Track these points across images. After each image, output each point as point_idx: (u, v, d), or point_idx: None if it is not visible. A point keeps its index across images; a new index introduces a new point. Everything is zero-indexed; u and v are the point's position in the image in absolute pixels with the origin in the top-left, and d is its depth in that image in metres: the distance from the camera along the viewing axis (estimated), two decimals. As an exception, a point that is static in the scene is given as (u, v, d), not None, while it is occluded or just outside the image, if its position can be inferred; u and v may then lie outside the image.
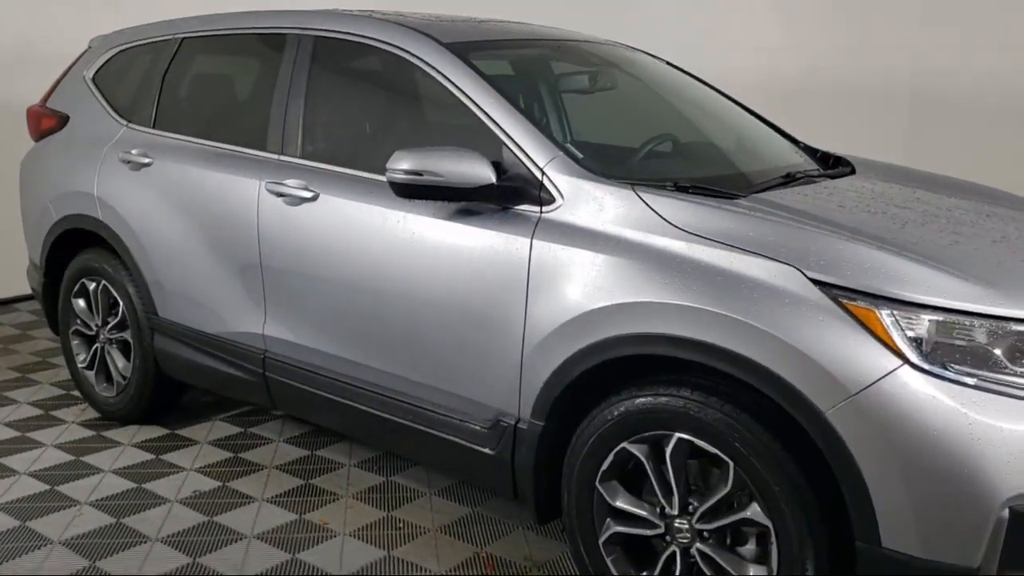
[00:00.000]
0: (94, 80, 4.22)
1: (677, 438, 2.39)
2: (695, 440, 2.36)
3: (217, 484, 3.54)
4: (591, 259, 2.49)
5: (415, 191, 2.70)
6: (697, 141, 3.41)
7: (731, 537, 2.42)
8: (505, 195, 2.69)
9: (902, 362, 2.08)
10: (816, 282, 2.20)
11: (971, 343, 2.10)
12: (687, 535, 2.44)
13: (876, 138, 5.72)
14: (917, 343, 2.10)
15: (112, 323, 4.02)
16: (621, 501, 2.54)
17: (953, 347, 2.09)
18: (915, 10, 5.92)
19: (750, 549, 2.39)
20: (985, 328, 2.10)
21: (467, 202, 2.73)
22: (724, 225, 2.40)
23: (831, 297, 2.17)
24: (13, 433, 4.01)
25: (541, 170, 2.67)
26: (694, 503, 2.43)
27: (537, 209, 2.66)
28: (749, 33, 6.11)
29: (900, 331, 2.11)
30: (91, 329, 4.14)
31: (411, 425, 2.98)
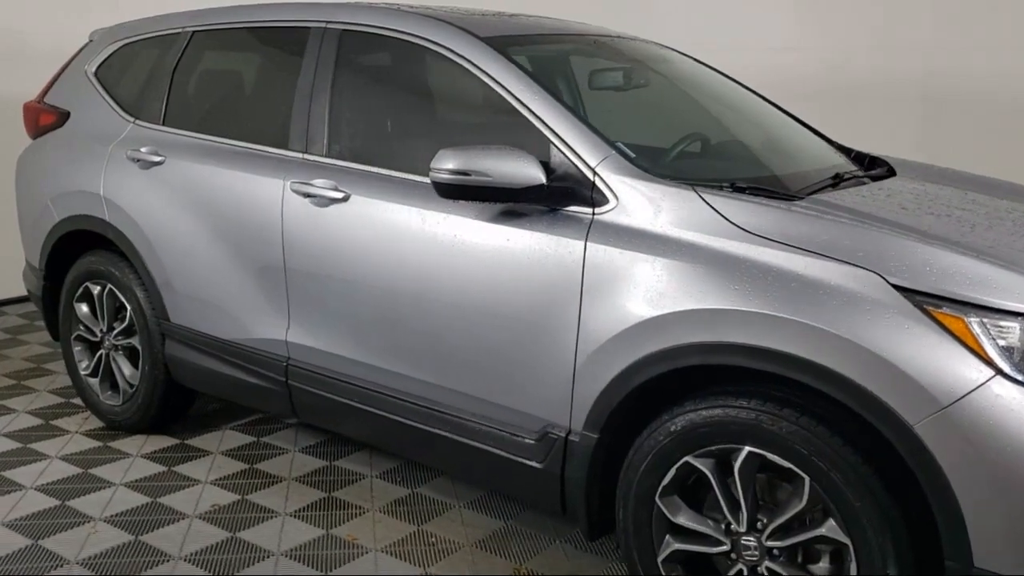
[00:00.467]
0: (96, 75, 4.04)
1: (747, 452, 2.27)
2: (767, 454, 2.24)
3: (236, 497, 3.38)
4: (652, 263, 2.37)
5: (460, 191, 2.57)
6: (737, 141, 3.30)
7: (802, 554, 2.31)
8: (554, 196, 2.57)
9: (994, 372, 1.98)
10: (899, 288, 2.10)
11: (1066, 352, 2.00)
12: (755, 553, 2.32)
13: (888, 138, 5.66)
14: (1008, 352, 2.00)
15: (118, 329, 3.85)
16: (683, 517, 2.42)
17: (1048, 357, 2.00)
18: (927, 10, 5.86)
19: (823, 567, 2.29)
20: None
21: (513, 203, 2.60)
22: (794, 228, 2.29)
23: (916, 304, 2.07)
24: (14, 444, 3.82)
25: (593, 170, 2.55)
26: (763, 519, 2.32)
27: (589, 211, 2.54)
28: (760, 33, 6.03)
29: (991, 340, 2.01)
30: (95, 335, 3.96)
31: (449, 436, 2.85)
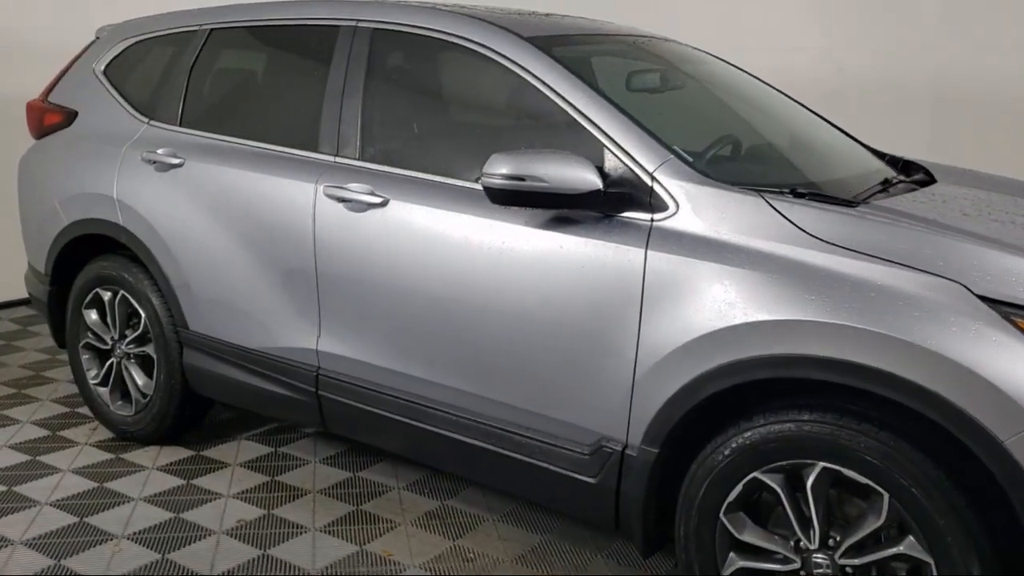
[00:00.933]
0: (105, 73, 3.90)
1: (822, 467, 2.20)
2: (843, 470, 2.17)
3: (261, 512, 3.26)
4: (719, 272, 2.29)
5: (513, 197, 2.48)
6: (771, 144, 3.23)
7: (876, 572, 2.24)
8: (611, 202, 2.48)
9: (1088, 386, 1.92)
10: (983, 299, 2.03)
11: None
12: (828, 571, 2.25)
13: (898, 139, 5.63)
14: (1100, 365, 1.94)
15: (131, 337, 3.71)
16: (749, 535, 2.35)
17: None
18: (937, 11, 5.84)
19: (898, 585, 2.22)
20: None
21: (567, 210, 2.51)
22: (869, 235, 2.22)
23: (1003, 315, 2.00)
24: (22, 457, 3.67)
25: (650, 175, 2.47)
26: (835, 537, 2.24)
27: (647, 217, 2.46)
28: (771, 33, 5.97)
29: (1082, 352, 1.95)
30: (105, 343, 3.82)
31: (493, 449, 2.75)
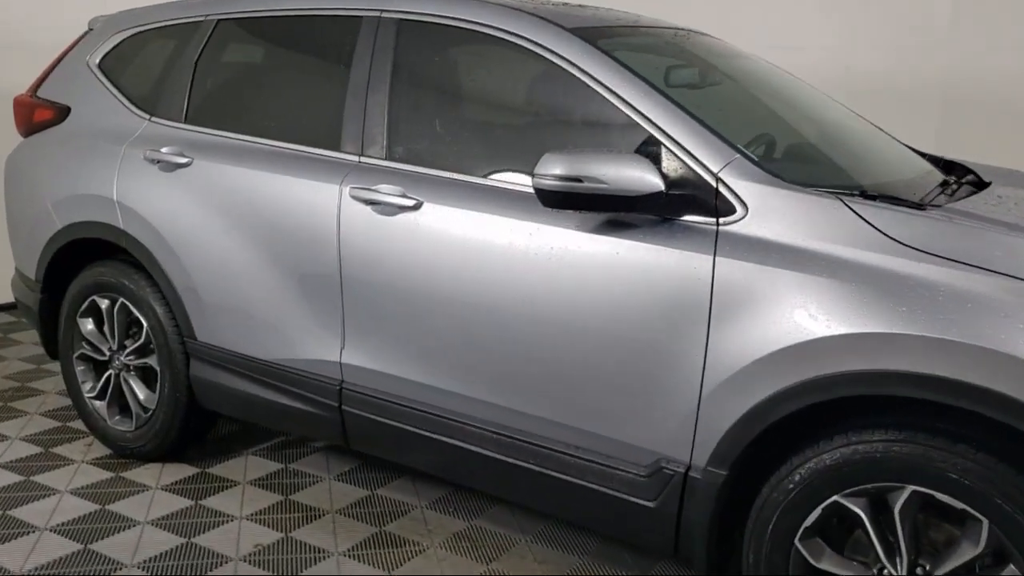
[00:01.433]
0: (101, 67, 3.66)
1: (911, 491, 2.04)
2: (936, 494, 2.02)
3: (278, 535, 3.06)
4: (797, 281, 2.13)
5: (568, 200, 2.30)
6: (822, 144, 3.07)
7: (968, 603, 2.09)
8: (672, 205, 2.31)
9: None
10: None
11: None
12: (915, 601, 2.10)
13: (906, 139, 5.54)
14: None
15: (131, 347, 3.49)
16: (827, 562, 2.19)
17: None
18: (946, 10, 5.75)
19: (993, 617, 2.07)
20: None
21: (622, 212, 2.33)
22: (958, 241, 2.07)
23: None
24: (15, 477, 3.43)
25: (715, 176, 2.30)
26: (924, 565, 2.09)
27: (712, 221, 2.29)
28: (777, 31, 5.85)
29: None
30: (102, 354, 3.59)
31: (536, 469, 2.57)
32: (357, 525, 3.14)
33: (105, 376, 3.59)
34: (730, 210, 2.27)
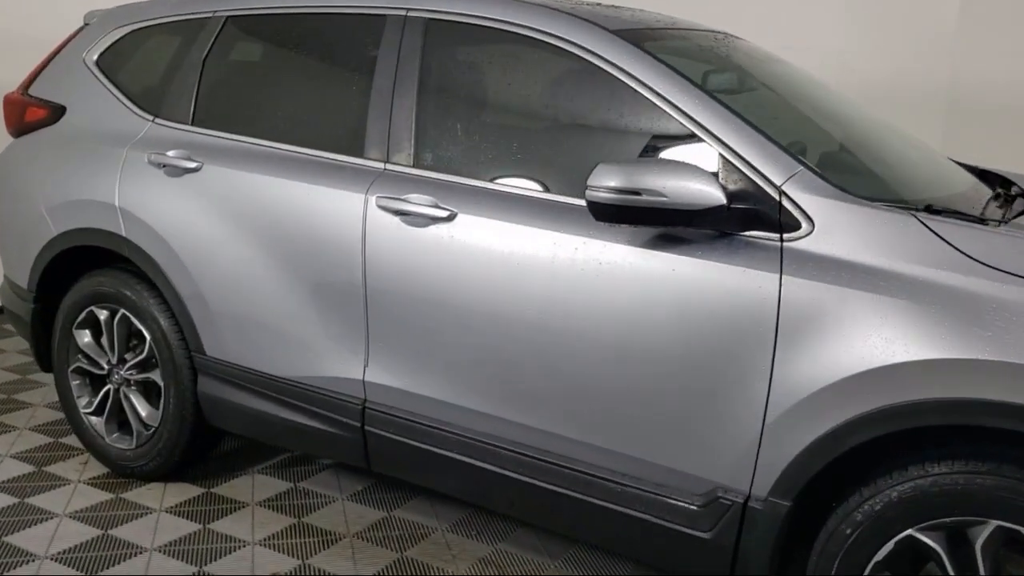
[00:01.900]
0: (99, 64, 3.47)
1: (995, 526, 1.93)
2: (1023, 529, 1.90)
3: (295, 562, 2.89)
4: (871, 303, 2.00)
5: (624, 214, 2.16)
6: (872, 155, 2.94)
7: (1052, 644, 1.98)
8: (733, 219, 2.18)
9: None
10: None
11: None
12: (996, 642, 1.98)
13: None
14: None
15: (132, 361, 3.30)
16: (898, 598, 2.07)
17: None
18: (952, 15, 5.68)
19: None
20: None
21: (679, 227, 2.20)
22: (1040, 261, 1.96)
23: None
24: (9, 499, 3.24)
25: (778, 189, 2.17)
26: (1006, 604, 1.98)
27: (776, 236, 2.16)
28: (784, 32, 5.74)
29: None
30: (100, 367, 3.40)
31: (582, 498, 2.44)
32: (378, 550, 2.98)
33: (103, 391, 3.41)
34: (794, 225, 2.15)
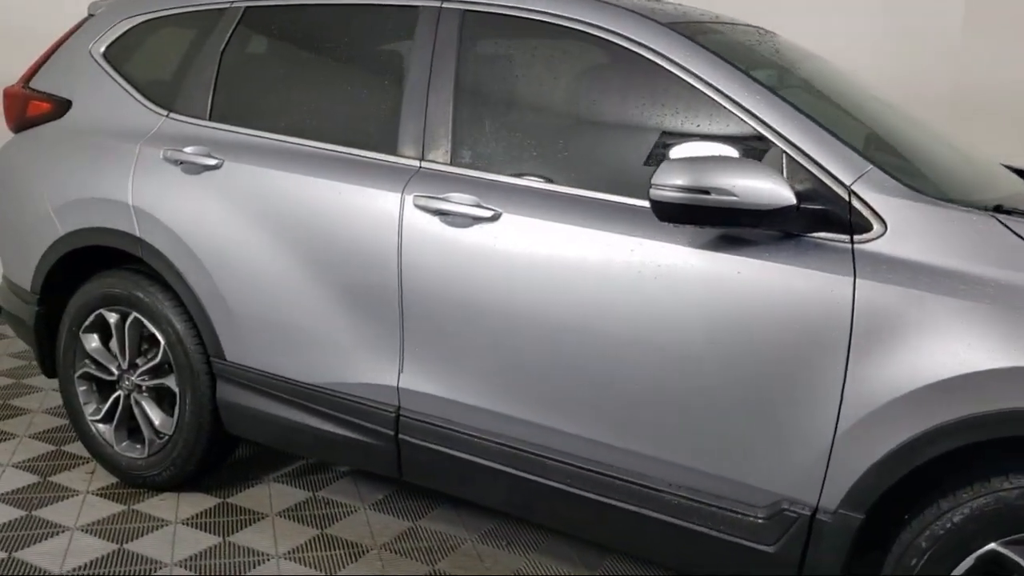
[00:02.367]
0: (106, 57, 3.33)
1: (1086, 541, 1.86)
2: (1115, 544, 1.83)
3: (323, 577, 2.78)
4: (951, 307, 1.92)
5: (690, 213, 2.06)
6: (919, 154, 2.86)
7: None
8: (801, 220, 2.09)
9: None
10: None
11: None
12: (1085, 661, 1.91)
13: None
14: None
15: (144, 366, 3.16)
16: (979, 617, 1.99)
17: None
18: (957, 19, 5.65)
19: None
20: None
21: (746, 228, 2.11)
22: None
23: None
24: (16, 512, 3.08)
25: (848, 188, 2.09)
26: (1097, 623, 1.91)
27: (845, 238, 2.08)
28: (788, 34, 5.68)
29: None
30: (110, 373, 3.25)
31: (634, 510, 2.34)
32: (407, 563, 2.87)
33: (113, 397, 3.26)
34: (865, 226, 2.06)
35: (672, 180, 2.04)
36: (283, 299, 2.79)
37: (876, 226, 2.05)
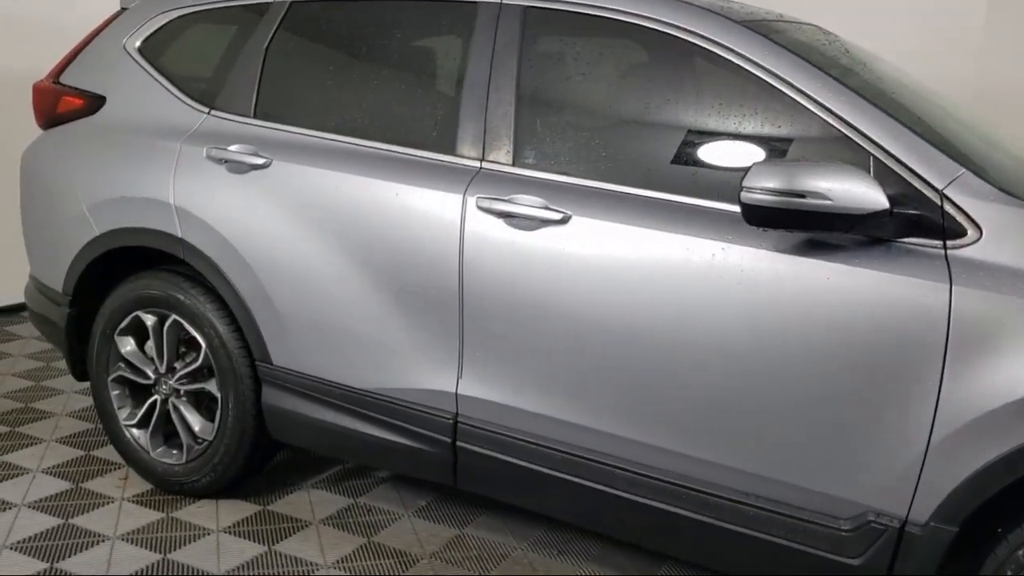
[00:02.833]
0: (142, 52, 3.24)
1: None
2: None
3: (377, 588, 2.71)
4: (1060, 316, 1.87)
5: (783, 217, 2.00)
6: (1010, 159, 2.79)
7: None
8: (894, 225, 2.03)
9: None
10: None
11: None
12: None
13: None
14: None
15: (183, 370, 3.08)
16: (1078, 631, 1.94)
17: None
18: (980, 14, 5.62)
19: None
20: None
21: (834, 233, 2.05)
22: None
23: None
24: (52, 520, 3.00)
25: (940, 193, 2.03)
26: None
27: (938, 244, 2.02)
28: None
29: None
30: (146, 376, 3.17)
31: (709, 521, 2.28)
32: (460, 573, 2.80)
33: (149, 402, 3.17)
34: (959, 231, 2.01)
35: (765, 183, 1.98)
36: (335, 302, 2.71)
37: (970, 231, 2.00)
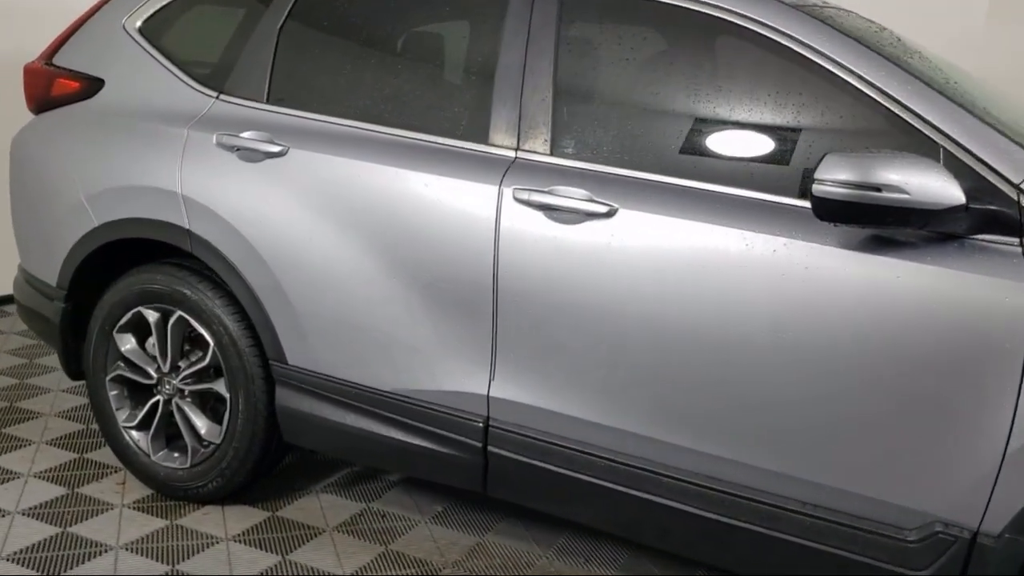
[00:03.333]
0: (142, 32, 3.06)
1: None
2: None
3: (400, 599, 2.57)
4: None
5: (856, 212, 1.89)
6: None
7: None
8: (968, 221, 1.93)
9: None
10: None
11: None
12: None
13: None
14: None
15: (188, 369, 2.92)
16: None
17: None
18: (981, 13, 5.58)
19: None
20: None
21: (907, 229, 1.94)
22: None
23: None
24: (49, 529, 2.82)
25: (1016, 188, 1.93)
26: None
27: (1014, 241, 1.92)
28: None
29: None
30: (147, 376, 3.00)
31: (763, 532, 2.17)
32: (484, 583, 2.68)
33: (151, 403, 3.01)
34: (1037, 229, 1.91)
35: (838, 175, 1.87)
36: (357, 299, 2.57)
37: (1048, 228, 1.90)
